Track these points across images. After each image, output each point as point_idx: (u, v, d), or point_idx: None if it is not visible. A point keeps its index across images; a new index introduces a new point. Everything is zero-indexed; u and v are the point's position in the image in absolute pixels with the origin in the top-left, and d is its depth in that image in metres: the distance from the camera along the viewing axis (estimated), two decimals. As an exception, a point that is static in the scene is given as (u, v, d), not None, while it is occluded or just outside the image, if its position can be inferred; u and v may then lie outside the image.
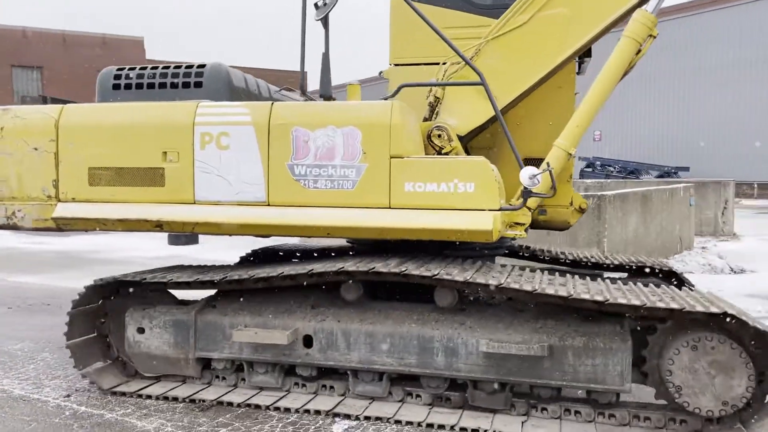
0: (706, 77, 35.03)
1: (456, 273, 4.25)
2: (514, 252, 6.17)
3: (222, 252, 13.43)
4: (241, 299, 4.88)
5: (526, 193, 4.41)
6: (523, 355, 4.17)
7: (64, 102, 5.25)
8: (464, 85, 4.84)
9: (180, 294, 5.27)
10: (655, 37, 4.92)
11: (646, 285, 4.55)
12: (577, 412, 4.30)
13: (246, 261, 6.48)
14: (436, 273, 4.23)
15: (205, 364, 4.94)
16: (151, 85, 5.14)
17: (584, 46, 5.06)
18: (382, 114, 4.48)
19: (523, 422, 4.30)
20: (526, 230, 4.81)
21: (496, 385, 4.35)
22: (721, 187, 16.22)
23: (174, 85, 5.10)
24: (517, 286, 4.09)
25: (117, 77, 5.22)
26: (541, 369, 4.22)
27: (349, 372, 4.62)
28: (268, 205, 4.63)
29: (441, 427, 4.29)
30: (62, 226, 4.98)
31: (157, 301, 4.99)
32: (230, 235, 4.89)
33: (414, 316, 4.54)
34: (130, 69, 5.24)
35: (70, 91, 33.98)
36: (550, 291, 4.03)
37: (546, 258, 6.16)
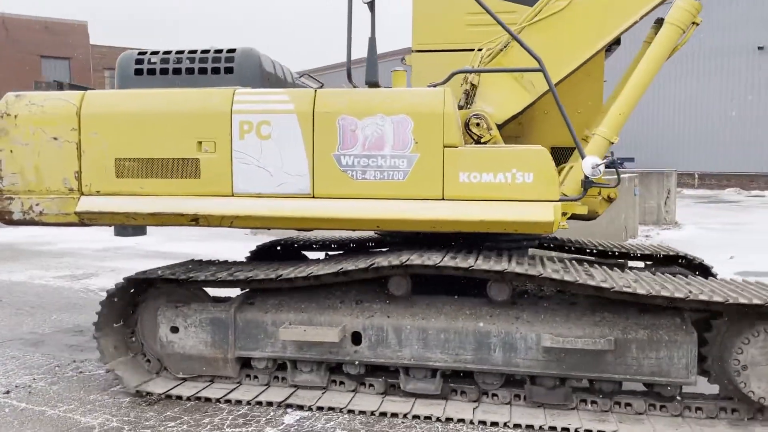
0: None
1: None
2: (540, 242, 6.08)
3: (172, 243, 13.12)
4: (282, 296, 4.67)
5: (587, 183, 4.31)
6: (588, 350, 4.09)
7: (82, 88, 4.93)
8: (521, 71, 4.70)
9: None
10: (698, 24, 4.88)
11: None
12: (627, 405, 4.24)
13: (260, 256, 6.23)
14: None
15: (242, 363, 4.71)
16: (177, 71, 4.86)
17: (622, 33, 4.98)
18: (435, 102, 4.31)
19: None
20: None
21: (555, 381, 4.27)
22: (664, 177, 16.68)
23: (203, 71, 4.84)
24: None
25: (139, 62, 4.92)
26: (604, 363, 4.14)
27: (400, 369, 4.46)
28: (313, 197, 4.43)
29: (494, 424, 4.18)
30: (86, 220, 4.67)
31: (190, 299, 4.74)
32: (269, 228, 4.68)
33: (466, 311, 4.40)
34: (152, 53, 4.94)
35: (12, 76, 32.65)
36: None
37: (573, 248, 6.11)
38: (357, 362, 4.47)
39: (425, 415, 4.25)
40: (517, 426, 4.13)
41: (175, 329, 4.63)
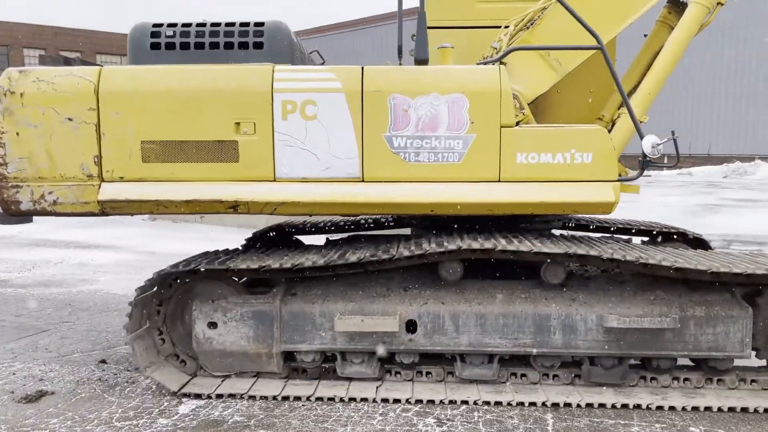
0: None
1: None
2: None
3: (66, 231, 12.37)
4: (324, 285, 4.44)
5: (646, 163, 4.30)
6: (652, 329, 4.11)
7: (91, 64, 4.46)
8: (580, 49, 4.60)
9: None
10: (723, 5, 4.95)
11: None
12: (686, 380, 4.32)
13: (262, 243, 5.90)
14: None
15: (284, 357, 4.46)
16: (200, 45, 4.47)
17: (650, 9, 4.97)
18: (491, 80, 4.19)
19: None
20: None
21: (614, 360, 4.28)
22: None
23: (228, 46, 4.47)
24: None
25: (155, 35, 4.48)
26: (663, 341, 4.18)
27: (457, 356, 4.36)
28: (363, 181, 4.21)
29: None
30: (109, 210, 4.26)
31: (226, 292, 4.42)
32: (311, 215, 4.44)
33: (520, 294, 4.34)
34: (169, 25, 4.52)
35: None
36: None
37: (572, 225, 6.14)
38: (412, 351, 4.35)
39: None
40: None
41: (213, 324, 4.32)
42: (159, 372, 4.34)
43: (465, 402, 4.18)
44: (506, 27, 4.96)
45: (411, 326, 4.30)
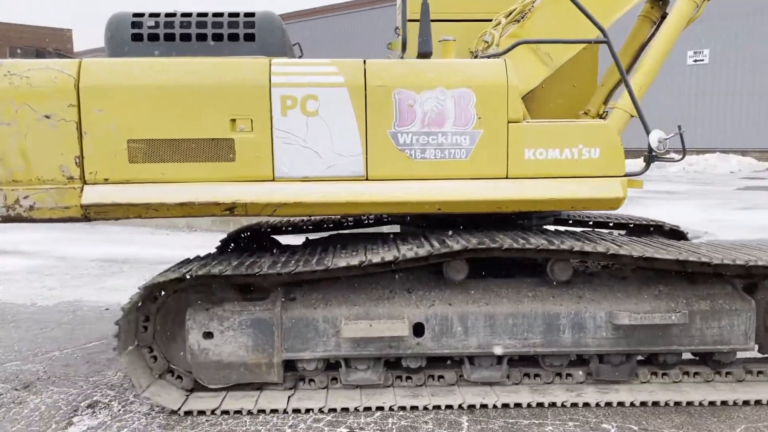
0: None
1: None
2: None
3: None
4: (324, 289, 4.23)
5: (651, 158, 4.27)
6: (662, 324, 4.09)
7: (63, 56, 4.10)
8: (587, 42, 4.54)
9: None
10: (710, -1, 4.99)
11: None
12: (696, 374, 4.33)
13: (238, 245, 5.61)
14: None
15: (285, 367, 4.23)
16: (186, 36, 4.17)
17: (636, 4, 4.96)
18: (498, 74, 4.07)
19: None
20: None
21: (622, 357, 4.25)
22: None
23: (217, 37, 4.19)
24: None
25: (136, 25, 4.16)
26: (670, 336, 4.17)
27: (465, 359, 4.23)
28: (367, 179, 4.03)
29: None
30: (93, 214, 3.92)
31: (222, 299, 4.14)
32: (312, 216, 4.22)
33: (527, 293, 4.24)
34: (151, 15, 4.20)
35: None
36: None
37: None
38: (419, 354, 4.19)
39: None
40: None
41: (209, 334, 4.05)
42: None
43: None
44: (497, 20, 4.87)
45: (418, 329, 4.14)
